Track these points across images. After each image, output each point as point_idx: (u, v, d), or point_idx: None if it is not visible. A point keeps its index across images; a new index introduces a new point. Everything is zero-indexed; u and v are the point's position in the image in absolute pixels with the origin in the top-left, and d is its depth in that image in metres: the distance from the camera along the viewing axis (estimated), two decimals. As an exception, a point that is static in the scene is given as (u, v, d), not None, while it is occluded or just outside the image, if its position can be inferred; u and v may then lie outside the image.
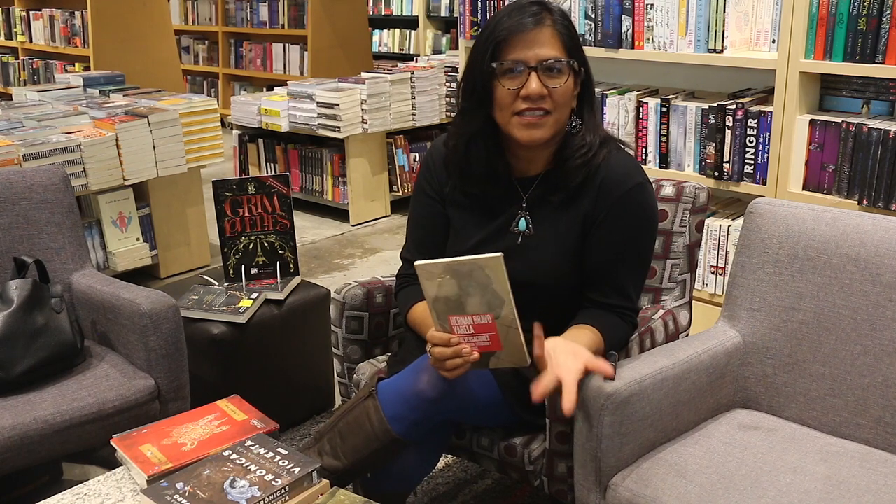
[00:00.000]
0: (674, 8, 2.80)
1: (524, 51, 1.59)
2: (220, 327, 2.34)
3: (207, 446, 1.59)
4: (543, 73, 1.59)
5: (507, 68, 1.60)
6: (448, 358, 1.52)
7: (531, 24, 1.59)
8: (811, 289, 1.76)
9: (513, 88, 1.61)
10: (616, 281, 1.71)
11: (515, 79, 1.60)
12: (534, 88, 1.59)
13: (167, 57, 5.54)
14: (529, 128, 1.63)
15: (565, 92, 1.62)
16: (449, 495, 2.21)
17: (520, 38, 1.59)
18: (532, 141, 1.65)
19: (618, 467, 1.62)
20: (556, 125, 1.65)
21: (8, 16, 6.52)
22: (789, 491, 1.51)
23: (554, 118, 1.63)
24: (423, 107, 4.71)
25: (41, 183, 2.32)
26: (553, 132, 1.65)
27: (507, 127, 1.65)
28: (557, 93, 1.61)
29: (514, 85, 1.61)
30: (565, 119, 1.67)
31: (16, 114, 3.67)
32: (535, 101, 1.60)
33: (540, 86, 1.59)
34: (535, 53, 1.59)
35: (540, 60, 1.59)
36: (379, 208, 4.74)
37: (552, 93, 1.60)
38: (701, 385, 1.75)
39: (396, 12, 7.63)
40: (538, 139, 1.64)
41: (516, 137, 1.65)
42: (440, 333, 1.53)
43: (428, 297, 1.51)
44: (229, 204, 2.54)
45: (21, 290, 2.04)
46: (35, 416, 1.88)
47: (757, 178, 2.73)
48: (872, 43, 2.42)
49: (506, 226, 1.76)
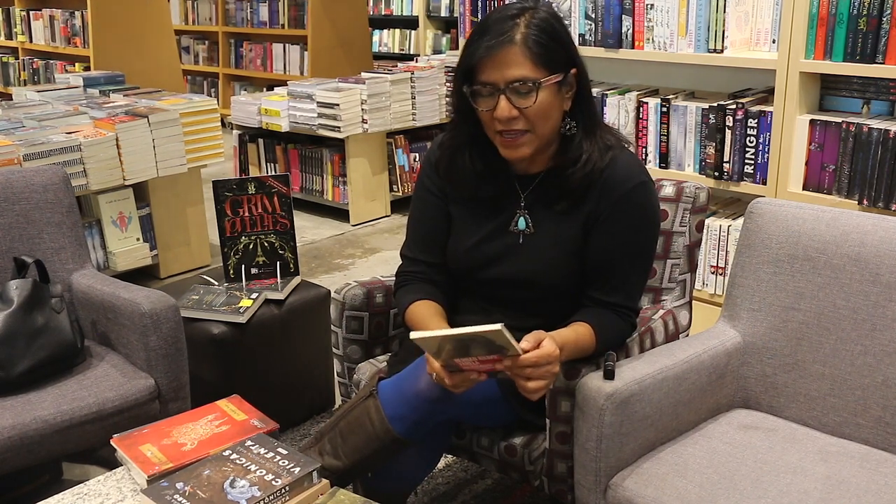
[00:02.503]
0: (674, 8, 2.80)
1: (492, 72, 1.58)
2: (220, 327, 2.34)
3: (207, 446, 1.59)
4: (512, 94, 1.58)
5: (477, 92, 1.61)
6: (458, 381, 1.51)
7: (501, 43, 1.56)
8: (811, 289, 1.76)
9: (487, 110, 1.61)
10: (617, 279, 1.70)
11: (487, 100, 1.60)
12: (503, 112, 1.58)
13: (167, 57, 5.54)
14: (509, 147, 1.64)
15: (539, 110, 1.59)
16: (449, 495, 2.21)
17: (488, 61, 1.58)
18: (516, 158, 1.66)
19: (618, 467, 1.62)
20: (538, 140, 1.64)
21: (8, 16, 6.52)
22: (789, 491, 1.51)
23: (533, 135, 1.62)
24: (423, 107, 4.71)
25: (41, 183, 2.32)
26: (536, 146, 1.65)
27: (494, 143, 1.67)
28: (530, 112, 1.59)
29: (487, 107, 1.61)
30: (550, 130, 1.65)
31: (16, 114, 3.67)
32: (506, 123, 1.60)
33: (509, 108, 1.58)
34: (503, 75, 1.57)
35: (507, 82, 1.57)
36: (379, 208, 4.74)
37: (524, 112, 1.59)
38: (701, 385, 1.75)
39: (396, 12, 7.62)
40: (521, 156, 1.65)
41: (503, 155, 1.67)
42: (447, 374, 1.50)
43: (428, 355, 1.50)
44: (229, 204, 2.54)
45: (21, 290, 2.05)
46: (35, 416, 1.88)
47: (757, 178, 2.73)
48: (872, 43, 2.42)
49: (506, 225, 1.76)
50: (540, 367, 1.47)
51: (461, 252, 1.79)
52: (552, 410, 1.68)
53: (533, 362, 1.46)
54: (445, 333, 1.43)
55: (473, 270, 1.78)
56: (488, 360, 1.48)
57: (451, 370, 1.50)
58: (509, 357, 1.46)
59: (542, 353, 1.47)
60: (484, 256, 1.76)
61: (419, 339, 1.43)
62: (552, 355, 1.48)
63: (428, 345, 1.46)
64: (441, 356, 1.48)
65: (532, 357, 1.46)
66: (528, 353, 1.47)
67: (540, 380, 1.49)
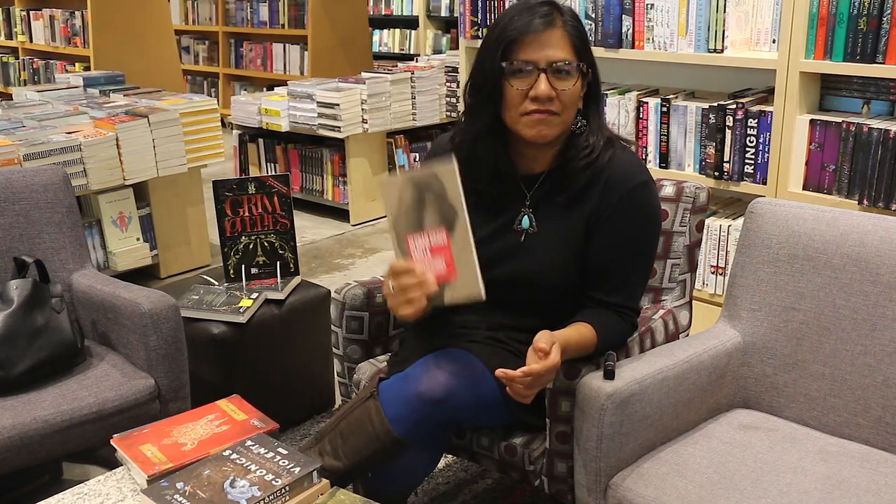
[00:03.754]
0: (674, 8, 2.80)
1: (534, 52, 1.59)
2: (220, 327, 2.34)
3: (207, 446, 1.59)
4: (552, 74, 1.60)
5: (516, 68, 1.61)
6: (411, 286, 1.53)
7: (542, 24, 1.59)
8: (811, 289, 1.76)
9: (522, 89, 1.61)
10: (618, 279, 1.71)
11: (525, 79, 1.61)
12: (542, 90, 1.59)
13: (167, 57, 5.54)
14: (538, 125, 1.63)
15: (573, 94, 1.63)
16: (449, 495, 2.21)
17: (530, 39, 1.59)
18: (540, 138, 1.66)
19: (618, 467, 1.62)
20: (562, 125, 1.66)
21: (8, 16, 6.52)
22: (789, 491, 1.51)
23: (561, 119, 1.64)
24: (423, 106, 4.71)
25: (41, 183, 2.32)
26: (559, 132, 1.66)
27: (515, 125, 1.66)
28: (565, 95, 1.61)
29: (523, 85, 1.61)
30: (571, 120, 1.68)
31: (16, 114, 3.67)
32: (543, 102, 1.60)
33: (549, 87, 1.59)
34: (546, 55, 1.59)
35: (550, 62, 1.59)
36: (379, 208, 4.74)
37: (560, 95, 1.61)
38: (701, 385, 1.75)
39: (396, 12, 7.62)
40: (546, 137, 1.65)
41: (524, 135, 1.66)
42: (402, 262, 1.55)
43: (389, 216, 1.56)
44: (229, 204, 2.54)
45: (21, 290, 2.05)
46: (35, 416, 1.88)
47: (757, 177, 2.72)
48: (872, 43, 2.42)
49: (509, 223, 1.76)
50: (543, 377, 1.51)
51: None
52: (552, 410, 1.68)
53: (542, 373, 1.49)
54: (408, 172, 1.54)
55: (474, 270, 1.78)
56: (438, 249, 1.53)
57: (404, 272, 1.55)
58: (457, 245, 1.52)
59: (551, 364, 1.50)
60: (485, 257, 1.76)
61: (386, 180, 1.54)
62: (557, 366, 1.52)
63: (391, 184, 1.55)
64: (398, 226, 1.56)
65: (541, 368, 1.49)
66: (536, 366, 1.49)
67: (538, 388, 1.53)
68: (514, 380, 1.50)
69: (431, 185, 1.51)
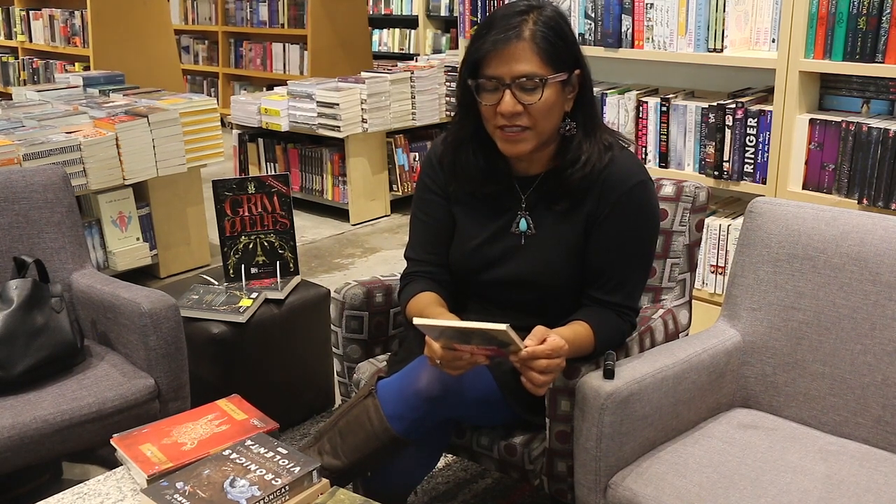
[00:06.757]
0: (674, 7, 2.80)
1: (499, 67, 1.58)
2: (220, 327, 2.34)
3: (207, 446, 1.59)
4: (518, 89, 1.58)
5: (482, 86, 1.61)
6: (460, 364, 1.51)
7: (508, 38, 1.57)
8: (811, 288, 1.76)
9: (490, 105, 1.61)
10: (617, 279, 1.71)
11: (492, 95, 1.60)
12: (507, 106, 1.58)
13: (167, 57, 5.54)
14: (509, 143, 1.64)
15: (543, 107, 1.60)
16: (449, 495, 2.21)
17: (496, 54, 1.58)
18: (515, 154, 1.66)
19: (618, 466, 1.62)
20: (538, 137, 1.64)
21: (8, 15, 6.53)
22: (789, 490, 1.51)
23: (535, 132, 1.62)
24: (422, 106, 4.71)
25: (41, 183, 2.32)
26: (535, 144, 1.65)
27: (494, 138, 1.67)
28: (534, 108, 1.59)
29: (490, 101, 1.61)
30: (550, 129, 1.65)
31: (16, 113, 3.67)
32: (509, 118, 1.60)
33: (514, 103, 1.58)
34: (510, 70, 1.57)
35: (514, 77, 1.58)
36: (379, 208, 4.74)
37: (528, 109, 1.59)
38: (701, 384, 1.75)
39: (396, 12, 7.63)
40: (520, 153, 1.65)
41: (501, 149, 1.67)
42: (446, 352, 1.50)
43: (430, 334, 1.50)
44: (229, 203, 2.54)
45: (21, 290, 2.05)
46: (35, 416, 1.88)
47: (757, 177, 2.73)
48: (872, 42, 2.42)
49: (507, 226, 1.76)
50: (552, 358, 1.48)
51: (463, 254, 1.79)
52: (552, 409, 1.68)
53: (546, 353, 1.47)
54: (449, 324, 1.44)
55: (475, 272, 1.78)
56: (489, 350, 1.49)
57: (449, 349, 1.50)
58: (511, 352, 1.47)
59: (554, 344, 1.49)
60: (485, 258, 1.76)
61: (422, 324, 1.44)
62: (562, 348, 1.50)
63: (429, 331, 1.47)
64: (440, 341, 1.49)
65: (546, 348, 1.47)
66: (540, 346, 1.48)
67: (549, 373, 1.49)
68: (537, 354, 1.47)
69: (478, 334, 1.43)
